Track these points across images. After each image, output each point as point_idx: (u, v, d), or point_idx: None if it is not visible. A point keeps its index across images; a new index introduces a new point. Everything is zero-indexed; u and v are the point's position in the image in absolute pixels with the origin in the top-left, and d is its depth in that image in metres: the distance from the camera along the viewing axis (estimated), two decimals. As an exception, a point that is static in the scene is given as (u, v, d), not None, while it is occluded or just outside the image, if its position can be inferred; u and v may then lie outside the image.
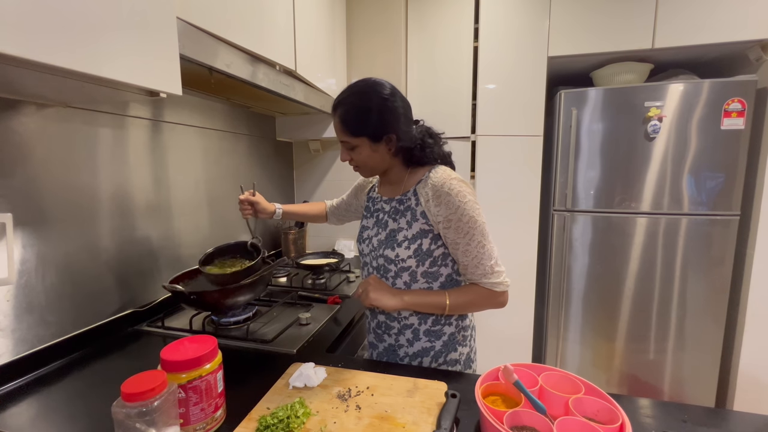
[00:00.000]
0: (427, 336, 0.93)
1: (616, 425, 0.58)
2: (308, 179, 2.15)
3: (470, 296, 0.89)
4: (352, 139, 0.88)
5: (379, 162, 0.92)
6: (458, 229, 0.85)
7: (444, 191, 0.85)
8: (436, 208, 0.86)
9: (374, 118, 0.86)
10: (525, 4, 1.79)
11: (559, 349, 1.91)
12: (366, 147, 0.88)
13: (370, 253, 0.97)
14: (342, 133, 0.89)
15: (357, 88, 0.88)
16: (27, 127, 0.89)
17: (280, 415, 0.67)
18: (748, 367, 1.68)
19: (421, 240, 0.89)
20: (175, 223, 1.33)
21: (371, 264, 0.98)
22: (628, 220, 1.75)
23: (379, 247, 0.94)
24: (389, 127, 0.87)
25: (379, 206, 1.00)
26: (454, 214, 0.85)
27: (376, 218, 0.99)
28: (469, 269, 0.88)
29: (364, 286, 0.91)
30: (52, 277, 0.94)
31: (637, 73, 1.80)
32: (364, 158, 0.90)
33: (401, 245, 0.89)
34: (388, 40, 1.92)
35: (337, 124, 0.88)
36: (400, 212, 0.93)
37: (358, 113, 0.86)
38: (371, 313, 1.01)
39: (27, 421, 0.74)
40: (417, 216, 0.89)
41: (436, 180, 0.88)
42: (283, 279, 1.62)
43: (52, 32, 0.58)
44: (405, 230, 0.90)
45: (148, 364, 0.84)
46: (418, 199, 0.90)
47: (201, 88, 1.28)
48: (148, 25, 0.75)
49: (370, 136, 0.87)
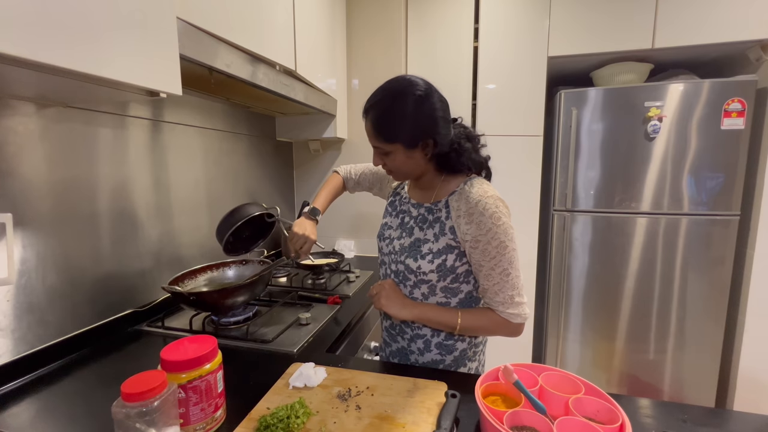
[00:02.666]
0: (439, 349, 0.90)
1: (616, 425, 0.58)
2: (308, 179, 2.15)
3: (483, 321, 0.85)
4: (385, 146, 0.82)
5: (414, 168, 0.86)
6: (485, 251, 0.80)
7: (478, 210, 0.79)
8: (467, 226, 0.81)
9: (409, 123, 0.79)
10: (525, 4, 1.79)
11: (559, 349, 1.91)
12: (400, 153, 0.82)
13: (389, 254, 0.94)
14: (374, 139, 0.83)
15: (390, 90, 0.81)
16: (27, 127, 0.89)
17: (280, 415, 0.67)
18: (748, 367, 1.68)
19: (446, 255, 0.84)
20: (175, 223, 1.33)
21: (389, 266, 0.94)
22: (628, 220, 1.75)
23: (401, 253, 0.90)
24: (426, 132, 0.80)
25: (405, 207, 0.95)
26: (484, 236, 0.79)
27: (401, 220, 0.95)
28: (488, 293, 0.84)
29: (378, 288, 0.88)
30: (52, 277, 0.94)
31: (637, 73, 1.80)
32: (398, 165, 0.84)
33: (425, 258, 0.85)
34: (388, 40, 1.92)
35: (369, 129, 0.83)
36: (429, 222, 0.88)
37: (391, 118, 0.80)
38: (384, 313, 0.98)
39: (27, 421, 0.74)
40: (445, 230, 0.84)
41: (471, 196, 0.82)
42: (283, 279, 1.62)
43: (52, 32, 0.58)
44: (431, 243, 0.85)
45: (148, 364, 0.83)
46: (449, 212, 0.85)
47: (201, 88, 1.28)
48: (148, 25, 0.75)
49: (405, 143, 0.81)
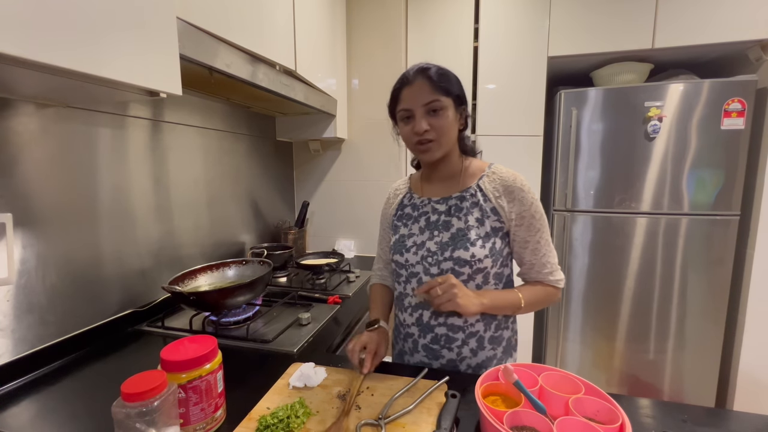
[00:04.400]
0: (491, 344, 0.89)
1: (616, 425, 0.58)
2: (308, 179, 2.15)
3: (539, 293, 0.87)
4: (442, 98, 0.82)
5: (454, 135, 0.87)
6: (530, 226, 0.84)
7: (517, 186, 0.83)
8: (510, 205, 0.83)
9: (456, 82, 0.85)
10: (525, 4, 1.79)
11: (559, 349, 1.91)
12: (452, 111, 0.83)
13: (423, 260, 0.87)
14: (430, 92, 0.81)
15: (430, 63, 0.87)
16: (27, 127, 0.89)
17: (280, 415, 0.67)
18: (748, 367, 1.68)
19: (494, 238, 0.84)
20: (175, 223, 1.33)
21: (427, 272, 0.87)
22: (628, 220, 1.75)
23: (443, 250, 0.85)
24: (465, 96, 0.86)
25: (425, 209, 0.92)
26: (527, 211, 0.83)
27: (426, 221, 0.90)
28: (535, 268, 0.87)
29: (446, 288, 0.77)
30: (52, 277, 0.94)
31: (637, 73, 1.80)
32: (448, 125, 0.83)
33: (475, 244, 0.83)
34: (388, 40, 1.92)
35: (425, 84, 0.82)
36: (465, 209, 0.86)
37: (445, 73, 0.84)
38: (421, 328, 0.89)
39: (27, 421, 0.74)
40: (488, 212, 0.85)
41: (505, 175, 0.86)
42: (283, 279, 1.62)
43: (52, 32, 0.58)
44: (476, 228, 0.84)
45: (148, 364, 0.83)
46: (486, 194, 0.86)
47: (201, 88, 1.28)
48: (148, 25, 0.75)
49: (456, 99, 0.84)
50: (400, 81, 0.87)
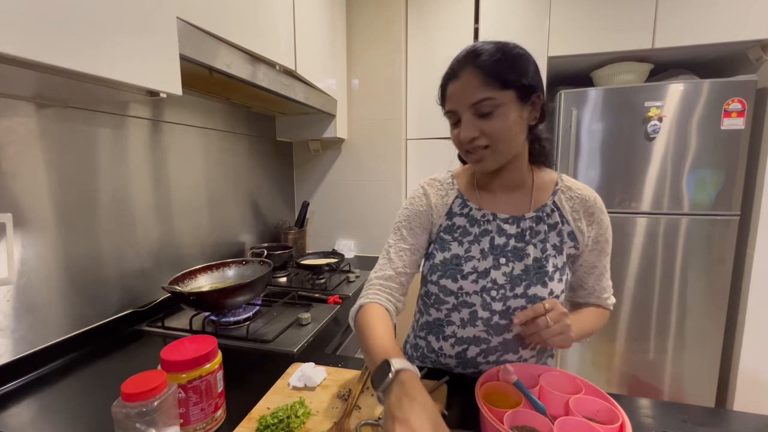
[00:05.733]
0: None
1: (616, 425, 0.58)
2: (308, 179, 2.15)
3: (597, 317, 0.77)
4: (497, 94, 0.63)
5: (516, 139, 0.67)
6: (602, 251, 0.73)
7: (599, 208, 0.72)
8: (588, 228, 0.71)
9: (526, 65, 0.65)
10: (525, 4, 1.79)
11: (559, 349, 1.91)
12: (512, 108, 0.64)
13: (484, 291, 0.71)
14: (480, 89, 0.63)
15: (484, 41, 0.68)
16: (27, 127, 0.89)
17: (280, 415, 0.67)
18: (748, 367, 1.68)
19: (567, 268, 0.72)
20: (175, 223, 1.33)
21: (488, 306, 0.71)
22: (628, 220, 1.75)
23: (513, 285, 0.70)
24: (539, 82, 0.66)
25: (490, 227, 0.73)
26: (603, 236, 0.72)
27: (490, 243, 0.73)
28: (595, 293, 0.77)
29: (558, 317, 0.63)
30: (52, 277, 0.94)
31: (637, 73, 1.80)
32: (508, 127, 0.64)
33: (553, 278, 0.69)
34: (388, 40, 1.92)
35: (474, 78, 0.64)
36: (543, 234, 0.71)
37: (507, 57, 0.64)
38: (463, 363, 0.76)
39: (27, 421, 0.74)
40: (565, 238, 0.71)
41: (583, 192, 0.72)
42: (283, 279, 1.62)
43: (52, 32, 0.58)
44: (554, 257, 0.70)
45: (148, 364, 0.84)
46: (564, 215, 0.72)
47: (201, 88, 1.28)
48: (148, 25, 0.75)
49: (520, 91, 0.64)
50: (447, 72, 0.69)
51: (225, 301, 1.07)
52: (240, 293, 1.08)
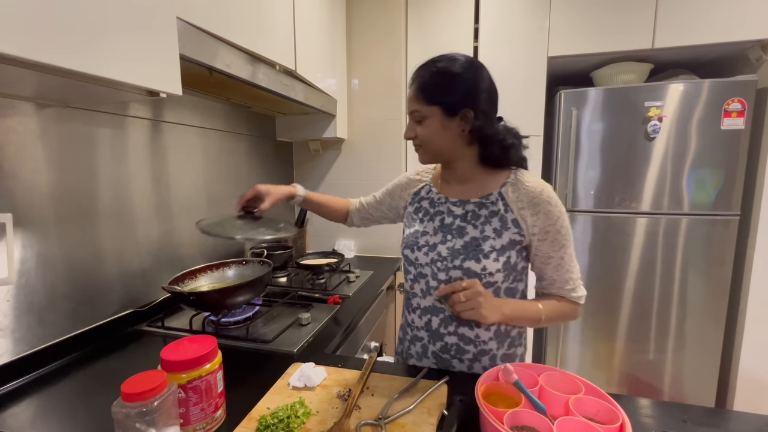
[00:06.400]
0: (504, 361, 0.84)
1: (616, 425, 0.58)
2: (308, 179, 2.15)
3: (561, 308, 0.83)
4: (423, 108, 0.78)
5: (447, 144, 0.81)
6: (555, 241, 0.79)
7: (544, 199, 0.78)
8: (533, 218, 0.78)
9: (453, 85, 0.77)
10: (525, 4, 1.79)
11: (559, 349, 1.91)
12: (436, 120, 0.78)
13: (432, 263, 0.84)
14: (414, 101, 0.80)
15: (441, 55, 0.81)
16: (27, 127, 0.89)
17: (280, 415, 0.67)
18: (748, 367, 1.68)
19: (510, 252, 0.79)
20: (175, 223, 1.33)
21: (435, 276, 0.84)
22: (628, 220, 1.75)
23: (453, 258, 0.81)
24: (468, 100, 0.77)
25: (442, 208, 0.88)
26: (553, 226, 0.78)
27: (440, 222, 0.86)
28: (556, 284, 0.82)
29: (471, 295, 0.73)
30: (52, 277, 0.94)
31: (637, 73, 1.80)
32: (431, 134, 0.80)
33: (488, 256, 0.78)
34: (388, 40, 1.92)
35: (412, 93, 0.81)
36: (484, 217, 0.82)
37: (437, 78, 0.78)
38: (431, 335, 0.86)
39: (27, 421, 0.74)
40: (508, 224, 0.80)
41: (532, 186, 0.80)
42: (283, 279, 1.62)
43: (52, 32, 0.58)
44: (492, 239, 0.80)
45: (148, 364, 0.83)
46: (508, 204, 0.81)
47: (201, 88, 1.28)
48: (148, 25, 0.75)
49: (445, 107, 0.77)
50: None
51: (225, 301, 1.07)
52: (240, 293, 1.08)
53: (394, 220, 1.08)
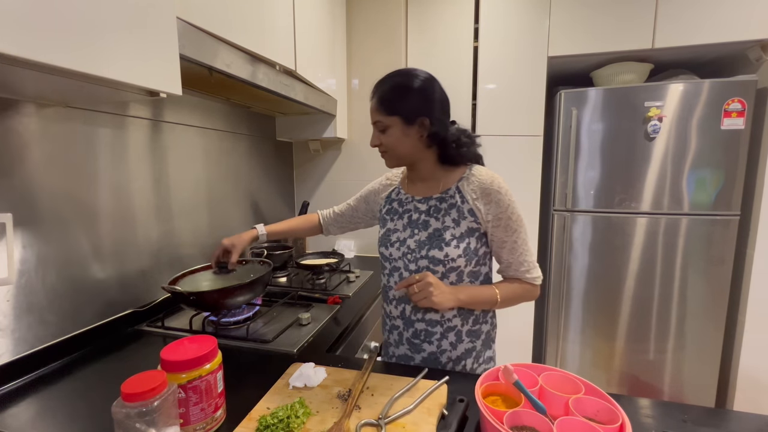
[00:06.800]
0: (469, 336, 0.92)
1: (616, 425, 0.58)
2: (308, 179, 2.15)
3: (516, 290, 0.91)
4: (385, 118, 0.87)
5: (409, 149, 0.89)
6: (507, 227, 0.87)
7: (494, 189, 0.86)
8: (486, 207, 0.86)
9: (410, 97, 0.86)
10: (525, 4, 1.79)
11: (559, 349, 1.91)
12: (398, 128, 0.87)
13: (403, 256, 0.92)
14: (376, 113, 0.88)
15: (397, 71, 0.90)
16: (27, 127, 0.89)
17: (280, 415, 0.67)
18: (748, 368, 1.68)
19: (469, 239, 0.88)
20: (175, 223, 1.33)
21: (406, 268, 0.92)
22: (628, 220, 1.75)
23: (420, 249, 0.90)
24: (423, 110, 0.86)
25: (409, 206, 0.96)
26: (504, 213, 0.86)
27: (408, 219, 0.95)
28: (512, 267, 0.90)
29: (423, 286, 0.82)
30: (52, 277, 0.94)
31: (637, 73, 1.80)
32: (394, 141, 0.88)
33: (449, 244, 0.87)
34: (388, 40, 1.92)
35: (373, 105, 0.89)
36: (443, 210, 0.90)
37: (394, 91, 0.87)
38: (405, 322, 0.95)
39: (27, 421, 0.74)
40: (464, 214, 0.88)
41: (483, 178, 0.88)
42: (283, 279, 1.62)
43: (52, 32, 0.58)
44: (452, 228, 0.88)
45: (148, 364, 0.84)
46: (464, 196, 0.89)
47: (201, 88, 1.28)
48: (148, 25, 0.75)
49: (404, 117, 0.86)
50: None
51: (225, 301, 1.07)
52: (240, 293, 1.08)
53: (369, 223, 1.17)
